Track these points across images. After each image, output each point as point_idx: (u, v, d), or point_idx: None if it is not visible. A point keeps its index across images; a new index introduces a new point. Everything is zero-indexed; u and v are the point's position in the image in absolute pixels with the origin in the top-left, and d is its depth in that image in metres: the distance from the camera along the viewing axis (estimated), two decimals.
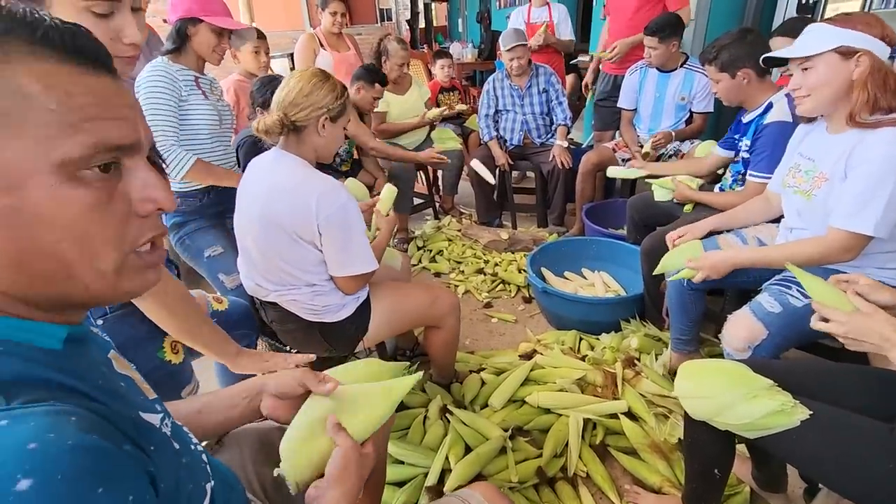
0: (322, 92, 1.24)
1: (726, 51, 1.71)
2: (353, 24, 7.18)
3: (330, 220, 1.21)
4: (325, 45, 2.79)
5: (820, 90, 1.19)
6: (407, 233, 2.98)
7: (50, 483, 0.31)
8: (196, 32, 1.48)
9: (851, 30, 1.13)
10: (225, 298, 1.36)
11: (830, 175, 1.21)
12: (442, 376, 1.72)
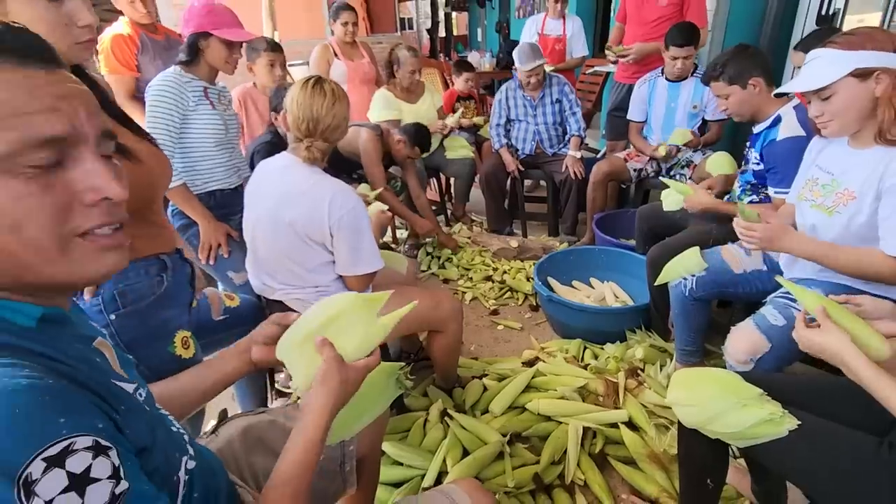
0: (346, 106, 1.32)
1: (732, 64, 1.69)
2: (374, 32, 7.32)
3: (342, 222, 1.26)
4: (338, 54, 2.87)
5: (844, 115, 1.15)
6: (418, 239, 3.02)
7: (10, 412, 0.35)
8: (207, 46, 1.54)
9: (861, 51, 1.10)
10: (236, 295, 1.42)
11: (859, 193, 1.16)
12: (444, 381, 1.74)
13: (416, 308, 1.49)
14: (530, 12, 6.52)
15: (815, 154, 1.36)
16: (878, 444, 0.87)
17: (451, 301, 1.56)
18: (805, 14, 2.96)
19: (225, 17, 1.54)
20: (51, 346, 0.44)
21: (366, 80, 2.99)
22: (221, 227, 1.60)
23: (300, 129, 1.28)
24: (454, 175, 3.16)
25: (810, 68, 1.19)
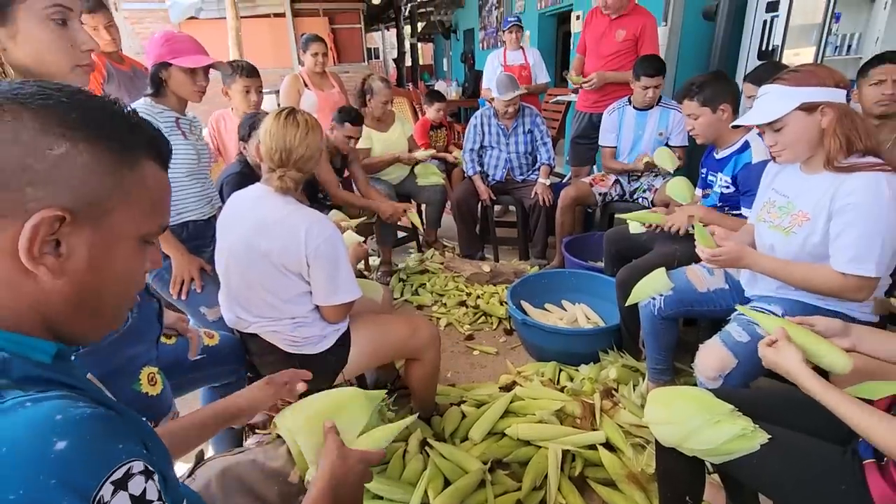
0: (320, 138, 1.33)
1: (707, 88, 1.79)
2: (341, 62, 7.43)
3: (319, 251, 1.25)
4: (309, 84, 2.89)
5: (795, 145, 1.25)
6: (390, 266, 3.02)
7: (82, 441, 0.39)
8: (169, 76, 1.52)
9: (807, 87, 1.20)
10: (216, 333, 1.37)
11: (813, 215, 1.24)
12: (423, 409, 1.72)
13: (394, 336, 1.51)
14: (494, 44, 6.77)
15: (771, 178, 1.45)
16: (842, 453, 0.91)
17: (429, 328, 1.56)
18: (748, 49, 3.20)
19: (184, 44, 1.52)
20: (73, 378, 0.47)
21: (335, 109, 3.01)
22: (195, 261, 1.56)
23: (273, 160, 1.28)
24: (425, 202, 3.19)
25: (762, 102, 1.28)
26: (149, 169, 0.50)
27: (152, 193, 0.51)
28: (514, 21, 3.65)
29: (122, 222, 0.48)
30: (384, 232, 2.89)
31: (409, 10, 9.36)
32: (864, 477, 0.85)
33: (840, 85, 1.21)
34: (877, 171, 1.15)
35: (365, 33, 8.16)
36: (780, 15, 2.87)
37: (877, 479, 0.84)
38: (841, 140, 1.19)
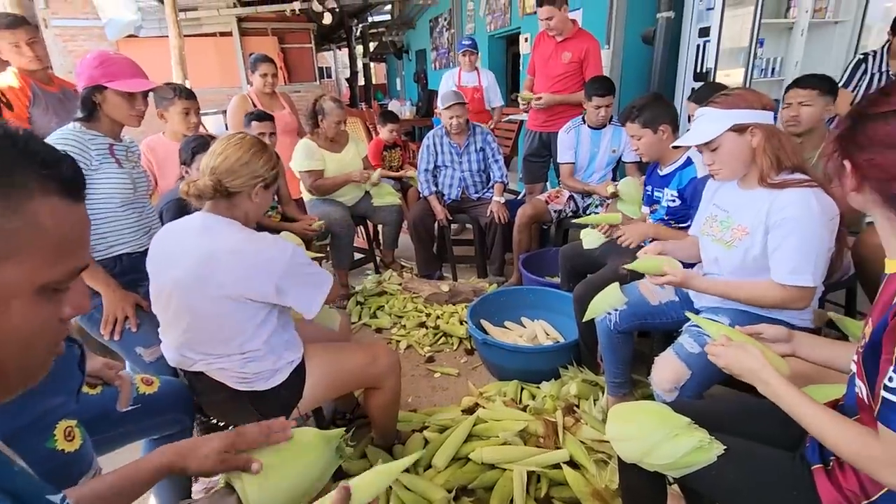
0: (260, 161, 1.27)
1: (647, 110, 1.89)
2: (292, 81, 7.33)
3: (290, 272, 1.21)
4: (257, 105, 2.82)
5: (730, 163, 1.34)
6: (347, 289, 2.94)
7: None
8: (104, 99, 1.42)
9: (737, 109, 1.29)
10: (156, 379, 1.26)
11: (751, 229, 1.32)
12: (383, 439, 1.67)
13: (351, 365, 1.45)
14: (446, 65, 6.89)
15: (712, 193, 1.53)
16: (792, 459, 0.94)
17: (388, 355, 1.52)
18: (684, 70, 3.40)
19: (120, 66, 1.42)
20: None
21: (287, 130, 2.94)
22: (128, 297, 1.44)
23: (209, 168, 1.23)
24: (381, 222, 3.16)
25: (698, 124, 1.37)
26: (45, 206, 0.42)
27: (52, 235, 0.42)
28: (467, 45, 3.72)
29: (10, 276, 0.40)
30: (339, 254, 2.83)
31: (360, 30, 9.41)
32: (813, 482, 0.88)
33: (766, 107, 1.31)
34: (805, 188, 1.23)
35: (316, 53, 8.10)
36: (712, 40, 3.07)
37: (825, 483, 0.86)
38: (770, 158, 1.27)
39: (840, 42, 3.28)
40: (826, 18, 3.22)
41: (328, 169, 2.78)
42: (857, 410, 0.84)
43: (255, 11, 6.66)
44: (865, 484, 0.81)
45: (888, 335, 0.71)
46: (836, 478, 0.85)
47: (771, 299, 1.29)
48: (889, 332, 0.70)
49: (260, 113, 2.43)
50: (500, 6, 5.34)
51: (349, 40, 9.51)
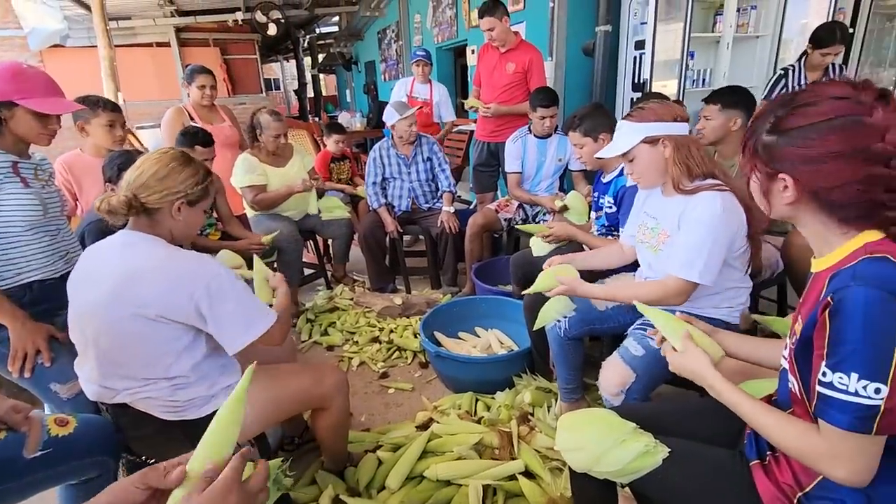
0: (180, 176, 1.19)
1: (588, 120, 1.96)
2: (236, 93, 7.10)
3: (211, 292, 1.12)
4: (195, 118, 2.69)
5: (646, 173, 1.42)
6: (297, 306, 2.84)
7: None
8: (12, 116, 1.30)
9: (648, 122, 1.37)
10: (72, 418, 1.14)
11: (671, 233, 1.40)
12: (334, 462, 1.60)
13: (294, 388, 1.38)
14: (395, 76, 6.88)
15: (642, 202, 1.60)
16: (732, 457, 0.96)
17: (335, 374, 1.46)
18: (623, 81, 3.54)
19: (36, 83, 1.31)
20: None
21: (227, 143, 2.83)
22: (40, 329, 1.30)
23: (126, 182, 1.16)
24: (331, 236, 3.08)
25: (617, 136, 1.45)
26: None
27: None
28: (421, 55, 3.72)
29: None
30: (287, 271, 2.72)
31: (307, 41, 9.27)
32: (751, 478, 0.90)
33: (678, 119, 1.39)
34: (715, 191, 1.30)
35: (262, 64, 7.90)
36: (647, 52, 3.22)
37: (762, 478, 0.88)
38: (681, 167, 1.35)
39: (762, 54, 3.52)
40: (748, 33, 3.44)
41: (271, 184, 2.68)
42: (791, 404, 0.87)
43: (194, 21, 6.42)
44: (799, 476, 0.84)
45: (818, 331, 0.73)
46: (772, 472, 0.88)
47: (650, 295, 1.35)
48: (819, 329, 0.73)
49: (204, 137, 2.25)
50: (447, 18, 5.40)
51: (296, 52, 9.34)
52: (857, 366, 0.68)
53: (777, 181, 0.79)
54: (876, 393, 0.67)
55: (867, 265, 0.71)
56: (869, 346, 0.67)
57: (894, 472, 0.74)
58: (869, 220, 0.75)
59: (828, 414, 0.71)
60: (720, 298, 1.41)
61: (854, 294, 0.68)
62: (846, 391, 0.69)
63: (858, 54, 3.97)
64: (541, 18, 3.78)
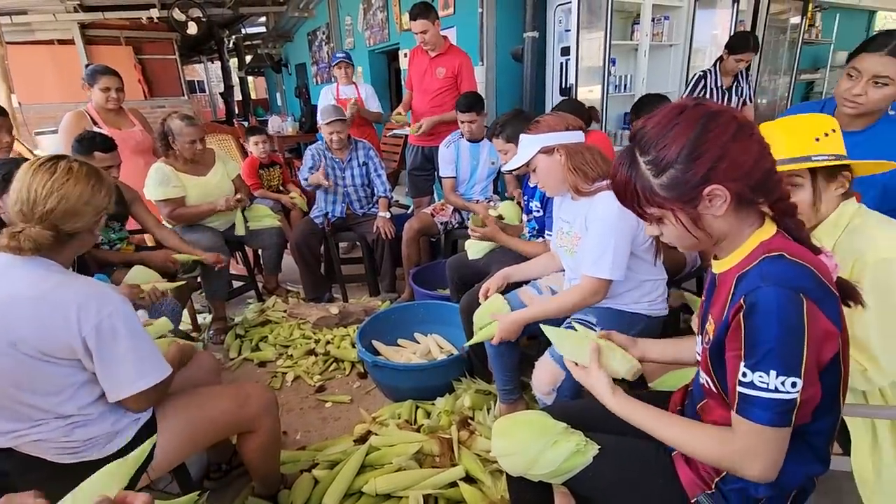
0: (102, 193, 1.11)
1: (508, 126, 2.00)
2: (155, 96, 6.63)
3: (102, 331, 1.00)
4: (99, 122, 2.46)
5: (547, 181, 1.50)
6: (225, 321, 2.67)
7: None
8: None
9: (542, 133, 1.46)
10: None
11: (582, 234, 1.46)
12: (266, 486, 1.50)
13: (216, 412, 1.29)
14: (327, 79, 6.71)
15: (557, 208, 1.67)
16: (657, 449, 1.00)
17: (261, 393, 1.37)
18: (551, 86, 3.66)
19: None
20: None
21: (139, 149, 2.61)
22: None
23: (14, 213, 1.03)
24: (261, 246, 2.93)
25: (519, 149, 1.52)
26: None
27: None
28: (341, 57, 3.64)
29: None
30: (212, 285, 2.56)
31: (233, 42, 8.85)
32: (674, 468, 0.93)
33: (570, 127, 1.47)
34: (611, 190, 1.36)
35: (183, 65, 7.42)
36: (572, 58, 3.34)
37: (683, 467, 0.92)
38: (577, 172, 1.43)
39: (675, 61, 3.77)
40: (662, 42, 3.68)
41: (190, 195, 2.49)
42: (704, 396, 0.91)
43: (102, 17, 5.91)
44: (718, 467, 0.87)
45: (732, 333, 0.76)
46: (692, 461, 0.91)
47: (573, 302, 1.44)
48: (733, 331, 0.75)
49: (103, 141, 2.01)
50: (378, 21, 5.34)
51: (221, 52, 8.88)
52: (774, 363, 0.70)
53: (703, 201, 0.75)
54: (793, 387, 0.70)
55: (769, 265, 0.74)
56: (783, 344, 0.70)
57: (795, 452, 0.79)
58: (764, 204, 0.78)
59: (751, 412, 0.73)
60: (639, 293, 1.48)
61: (766, 295, 0.71)
62: (767, 388, 0.71)
63: (758, 64, 4.37)
64: (471, 24, 3.83)
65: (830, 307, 0.71)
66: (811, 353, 0.69)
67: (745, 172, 0.73)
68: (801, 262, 0.73)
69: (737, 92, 3.05)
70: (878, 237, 0.93)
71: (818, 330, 0.69)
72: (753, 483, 0.82)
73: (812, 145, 0.99)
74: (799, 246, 0.77)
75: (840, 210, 1.01)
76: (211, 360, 1.56)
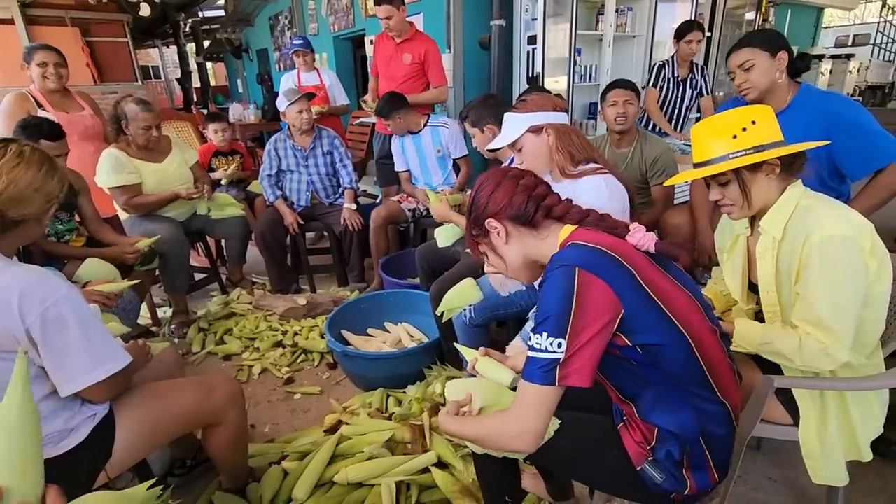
0: (55, 181, 1.05)
1: (474, 111, 1.99)
2: (105, 81, 6.27)
3: (47, 320, 0.94)
4: (44, 105, 2.31)
5: (533, 162, 1.46)
6: (187, 314, 2.58)
7: None
8: None
9: (531, 112, 1.44)
10: None
11: None
12: (233, 480, 1.47)
13: (179, 406, 1.24)
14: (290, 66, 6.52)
15: None
16: (607, 422, 1.03)
17: (226, 385, 1.33)
18: (518, 75, 3.67)
19: None
20: None
21: (88, 134, 2.47)
22: None
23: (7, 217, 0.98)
24: (224, 236, 2.83)
25: (504, 127, 1.49)
26: None
27: None
28: (299, 44, 3.53)
29: None
30: (172, 277, 2.46)
31: (189, 25, 8.46)
32: (621, 438, 0.96)
33: (557, 108, 1.47)
34: (598, 175, 1.37)
35: (135, 49, 7.04)
36: (538, 48, 3.36)
37: (627, 438, 0.95)
38: (564, 154, 1.43)
39: (638, 52, 3.85)
40: (626, 32, 3.74)
41: (147, 182, 2.37)
42: None
43: None
44: (643, 430, 0.92)
45: None
46: (630, 431, 0.95)
47: None
48: None
49: (50, 128, 1.88)
50: (342, 6, 5.22)
51: (177, 36, 8.45)
52: (546, 326, 0.79)
53: (492, 233, 0.97)
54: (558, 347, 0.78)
55: (556, 255, 0.87)
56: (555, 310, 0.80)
57: (668, 400, 0.87)
58: (544, 215, 0.95)
59: (528, 373, 0.81)
60: None
61: (547, 275, 0.84)
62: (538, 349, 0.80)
63: (715, 59, 4.51)
64: (437, 11, 3.79)
65: (613, 275, 0.80)
66: (583, 313, 0.78)
67: (503, 206, 0.95)
68: (586, 245, 0.84)
69: (691, 84, 3.14)
70: (825, 216, 0.98)
71: (593, 293, 0.78)
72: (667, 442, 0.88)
73: (730, 143, 1.01)
74: (595, 232, 0.89)
75: (787, 194, 1.05)
76: (173, 355, 1.50)
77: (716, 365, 0.87)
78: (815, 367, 1.02)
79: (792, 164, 1.05)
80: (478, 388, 1.07)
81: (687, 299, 0.86)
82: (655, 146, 2.16)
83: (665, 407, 0.88)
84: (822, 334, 0.98)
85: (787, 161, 1.03)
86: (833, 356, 0.98)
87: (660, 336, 0.82)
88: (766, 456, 1.58)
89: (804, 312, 1.01)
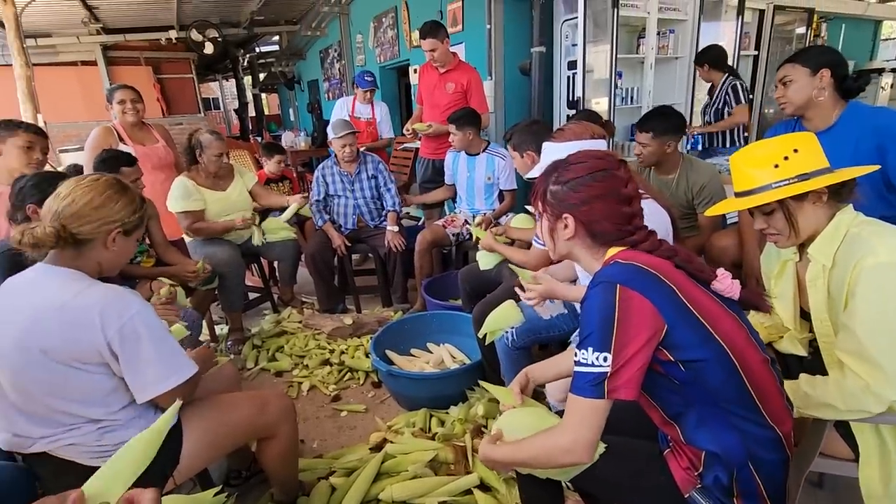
0: (118, 205, 1.14)
1: (517, 135, 2.03)
2: (172, 113, 6.82)
3: (125, 335, 1.05)
4: (125, 138, 2.56)
5: None
6: (242, 332, 2.73)
7: None
8: None
9: (569, 141, 1.47)
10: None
11: None
12: (285, 493, 1.54)
13: (237, 418, 1.33)
14: (339, 95, 6.85)
15: None
16: (652, 448, 1.02)
17: (279, 400, 1.41)
18: (559, 99, 3.72)
19: None
20: None
21: (161, 165, 2.70)
22: None
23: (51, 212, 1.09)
24: (276, 259, 3.00)
25: (543, 157, 1.54)
26: None
27: None
28: (370, 81, 3.73)
29: None
30: (229, 296, 2.62)
31: (247, 60, 9.08)
32: (667, 465, 0.95)
33: (595, 136, 1.50)
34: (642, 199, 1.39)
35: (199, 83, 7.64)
36: (579, 72, 3.40)
37: (674, 463, 0.94)
38: None
39: (681, 73, 3.81)
40: (668, 54, 3.72)
41: (210, 209, 2.57)
42: None
43: (123, 39, 6.13)
44: (691, 457, 0.91)
45: None
46: (676, 457, 0.94)
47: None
48: None
49: (125, 156, 2.11)
50: (388, 38, 5.47)
51: (236, 70, 9.10)
52: (591, 341, 0.82)
53: (561, 220, 0.98)
54: (605, 361, 0.80)
55: (601, 270, 0.90)
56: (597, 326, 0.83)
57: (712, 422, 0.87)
58: (617, 241, 0.95)
59: (576, 387, 0.84)
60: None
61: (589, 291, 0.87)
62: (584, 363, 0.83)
63: (764, 76, 4.39)
64: (479, 40, 3.91)
65: (654, 290, 0.82)
66: (627, 328, 0.80)
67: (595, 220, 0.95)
68: (628, 262, 0.87)
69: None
70: (877, 244, 0.94)
71: (634, 308, 0.81)
72: (714, 467, 0.87)
73: (772, 172, 1.00)
74: (637, 252, 0.91)
75: (836, 220, 1.01)
76: (232, 370, 1.61)
77: (764, 389, 0.86)
78: (862, 408, 0.94)
79: (840, 191, 1.02)
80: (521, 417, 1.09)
81: (732, 320, 0.86)
82: (703, 173, 2.14)
83: (708, 427, 0.87)
84: (864, 367, 0.93)
85: (835, 188, 1.01)
86: (879, 394, 0.91)
87: (702, 351, 0.83)
88: (827, 493, 1.50)
89: (847, 342, 0.96)
